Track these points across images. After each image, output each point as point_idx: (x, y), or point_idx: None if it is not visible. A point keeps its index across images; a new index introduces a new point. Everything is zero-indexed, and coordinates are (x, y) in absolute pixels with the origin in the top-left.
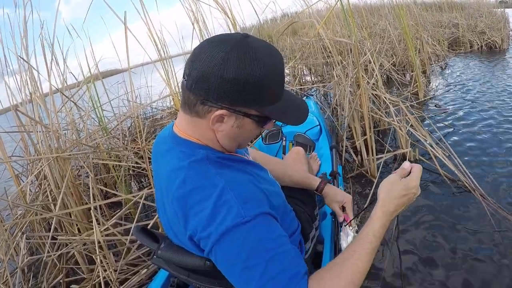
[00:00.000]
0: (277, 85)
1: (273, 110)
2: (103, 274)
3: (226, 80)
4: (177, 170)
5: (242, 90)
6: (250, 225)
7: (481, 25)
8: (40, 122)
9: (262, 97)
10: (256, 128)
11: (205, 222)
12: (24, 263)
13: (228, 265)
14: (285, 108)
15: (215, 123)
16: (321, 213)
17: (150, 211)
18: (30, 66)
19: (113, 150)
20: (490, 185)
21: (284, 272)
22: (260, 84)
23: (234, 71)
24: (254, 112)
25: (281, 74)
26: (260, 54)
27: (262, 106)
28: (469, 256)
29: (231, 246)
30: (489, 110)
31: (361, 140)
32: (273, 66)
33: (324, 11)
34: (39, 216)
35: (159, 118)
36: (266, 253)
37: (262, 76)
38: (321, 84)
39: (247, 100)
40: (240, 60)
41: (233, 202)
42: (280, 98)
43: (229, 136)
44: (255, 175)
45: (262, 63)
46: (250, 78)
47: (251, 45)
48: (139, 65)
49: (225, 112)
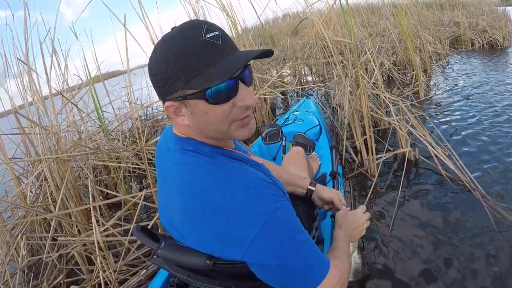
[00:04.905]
0: (187, 57)
1: (200, 79)
2: (102, 274)
3: (152, 75)
4: (197, 169)
5: (163, 78)
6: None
7: (483, 23)
8: (39, 124)
9: (180, 75)
10: (209, 107)
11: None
12: (24, 263)
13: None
14: (215, 70)
15: (176, 118)
16: (321, 213)
17: (150, 212)
18: (30, 69)
19: (113, 151)
20: (491, 185)
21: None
22: (169, 64)
23: (151, 65)
24: (189, 92)
25: (187, 46)
26: (163, 39)
27: (187, 82)
28: (469, 256)
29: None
30: (490, 109)
31: (361, 139)
32: (174, 42)
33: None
34: (39, 217)
35: (159, 119)
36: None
37: (167, 56)
38: (322, 84)
39: (172, 84)
40: (153, 52)
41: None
42: (202, 67)
43: (198, 125)
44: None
45: (163, 46)
46: (161, 64)
47: (161, 39)
48: (140, 66)
49: (168, 104)
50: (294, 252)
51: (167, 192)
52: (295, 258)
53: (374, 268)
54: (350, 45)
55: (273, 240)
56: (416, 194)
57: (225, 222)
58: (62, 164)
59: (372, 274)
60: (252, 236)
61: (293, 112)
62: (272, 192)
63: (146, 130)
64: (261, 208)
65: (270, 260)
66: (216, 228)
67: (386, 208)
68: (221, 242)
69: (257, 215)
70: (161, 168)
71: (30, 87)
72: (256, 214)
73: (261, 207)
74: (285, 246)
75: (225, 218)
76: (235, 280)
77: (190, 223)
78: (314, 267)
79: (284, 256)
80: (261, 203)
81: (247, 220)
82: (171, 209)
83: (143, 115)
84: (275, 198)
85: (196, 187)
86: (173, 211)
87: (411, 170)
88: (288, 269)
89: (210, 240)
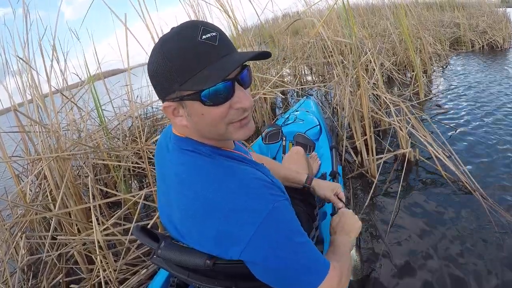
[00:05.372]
0: (183, 59)
1: (194, 81)
2: (102, 274)
3: (150, 77)
4: (196, 168)
5: (161, 80)
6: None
7: (483, 24)
8: (39, 123)
9: (176, 77)
10: (205, 108)
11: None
12: (24, 262)
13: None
14: (208, 72)
15: (174, 119)
16: (321, 213)
17: (150, 211)
18: (30, 67)
19: (113, 150)
20: (491, 185)
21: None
22: (166, 66)
23: (150, 67)
24: (185, 93)
25: (183, 48)
26: (160, 40)
27: (183, 84)
28: (469, 256)
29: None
30: (490, 110)
31: (361, 140)
32: (170, 45)
33: (325, 11)
34: (39, 215)
35: (159, 118)
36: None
37: (163, 58)
38: (321, 84)
39: (168, 85)
40: (151, 55)
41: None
42: (197, 68)
43: (196, 126)
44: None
45: (160, 48)
46: (158, 66)
47: (160, 39)
48: (140, 65)
49: (166, 104)
50: (292, 253)
51: (167, 191)
52: (292, 259)
53: (374, 268)
54: (351, 45)
55: (270, 239)
56: (416, 194)
57: (224, 221)
58: (62, 163)
59: (372, 273)
60: (250, 234)
61: (293, 112)
62: (270, 192)
63: (146, 129)
64: (260, 207)
65: (266, 259)
66: (216, 227)
67: (386, 208)
68: (220, 241)
69: (255, 214)
70: (161, 167)
71: (30, 85)
72: (254, 213)
73: (259, 206)
74: (282, 246)
75: (224, 217)
76: (235, 280)
77: (190, 222)
78: (312, 270)
79: (281, 256)
80: (259, 202)
81: (246, 219)
82: (170, 208)
83: (143, 114)
84: (273, 198)
85: (196, 186)
86: (173, 210)
87: (411, 171)
88: (285, 270)
89: (210, 238)
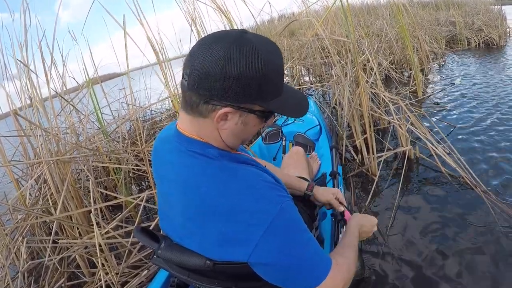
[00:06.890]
0: (278, 79)
1: (275, 104)
2: (104, 277)
3: (229, 77)
4: (202, 171)
5: (246, 86)
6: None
7: (478, 22)
8: (39, 126)
9: (265, 92)
10: (260, 123)
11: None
12: (25, 267)
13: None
14: (286, 102)
15: (219, 122)
16: (321, 213)
17: (151, 213)
18: (29, 70)
19: (113, 153)
20: (492, 181)
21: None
22: (262, 79)
23: (236, 68)
24: (258, 108)
25: (281, 67)
26: (260, 49)
27: (265, 101)
28: (472, 253)
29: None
30: (488, 107)
31: (361, 138)
32: (274, 60)
33: (321, 11)
34: (39, 219)
35: (158, 120)
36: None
37: (264, 70)
38: (319, 84)
39: (251, 96)
40: (241, 56)
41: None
42: (281, 92)
43: (233, 133)
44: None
45: (263, 58)
46: (252, 74)
47: (250, 41)
48: (137, 68)
49: (230, 110)
50: (300, 250)
51: (166, 193)
52: (300, 256)
53: (374, 268)
54: (349, 44)
55: (279, 240)
56: (417, 192)
57: (227, 223)
58: (62, 166)
59: (372, 272)
60: (258, 236)
61: None
62: (277, 193)
63: (145, 132)
64: (267, 208)
65: (276, 260)
66: (221, 229)
67: (387, 206)
68: (225, 243)
69: (263, 215)
70: (159, 169)
71: (28, 89)
72: (262, 214)
73: (267, 208)
74: (291, 245)
75: (230, 219)
76: (235, 280)
77: (193, 225)
78: (318, 265)
79: (290, 255)
80: (267, 204)
81: (253, 220)
82: (171, 210)
83: (141, 117)
84: (280, 199)
85: (202, 189)
86: (174, 213)
87: (411, 169)
88: (293, 268)
89: (214, 242)
